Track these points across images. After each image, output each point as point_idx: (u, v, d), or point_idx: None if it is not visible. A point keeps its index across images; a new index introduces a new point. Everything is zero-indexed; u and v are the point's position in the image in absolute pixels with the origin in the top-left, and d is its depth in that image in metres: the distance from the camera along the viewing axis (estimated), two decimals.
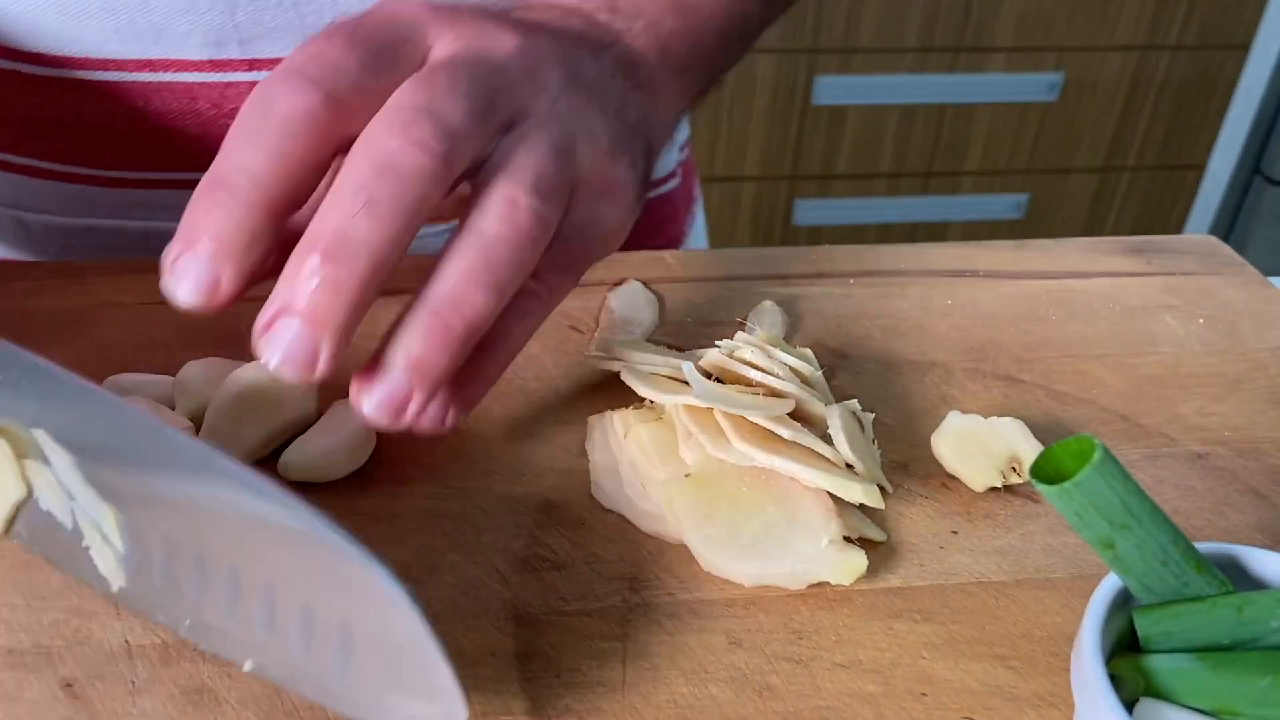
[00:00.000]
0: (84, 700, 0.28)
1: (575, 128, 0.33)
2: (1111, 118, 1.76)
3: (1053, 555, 0.35)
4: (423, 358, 0.28)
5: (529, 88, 0.33)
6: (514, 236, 0.30)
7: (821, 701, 0.30)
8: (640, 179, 0.37)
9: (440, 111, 0.29)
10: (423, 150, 0.28)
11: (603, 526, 0.35)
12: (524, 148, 0.31)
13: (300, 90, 0.28)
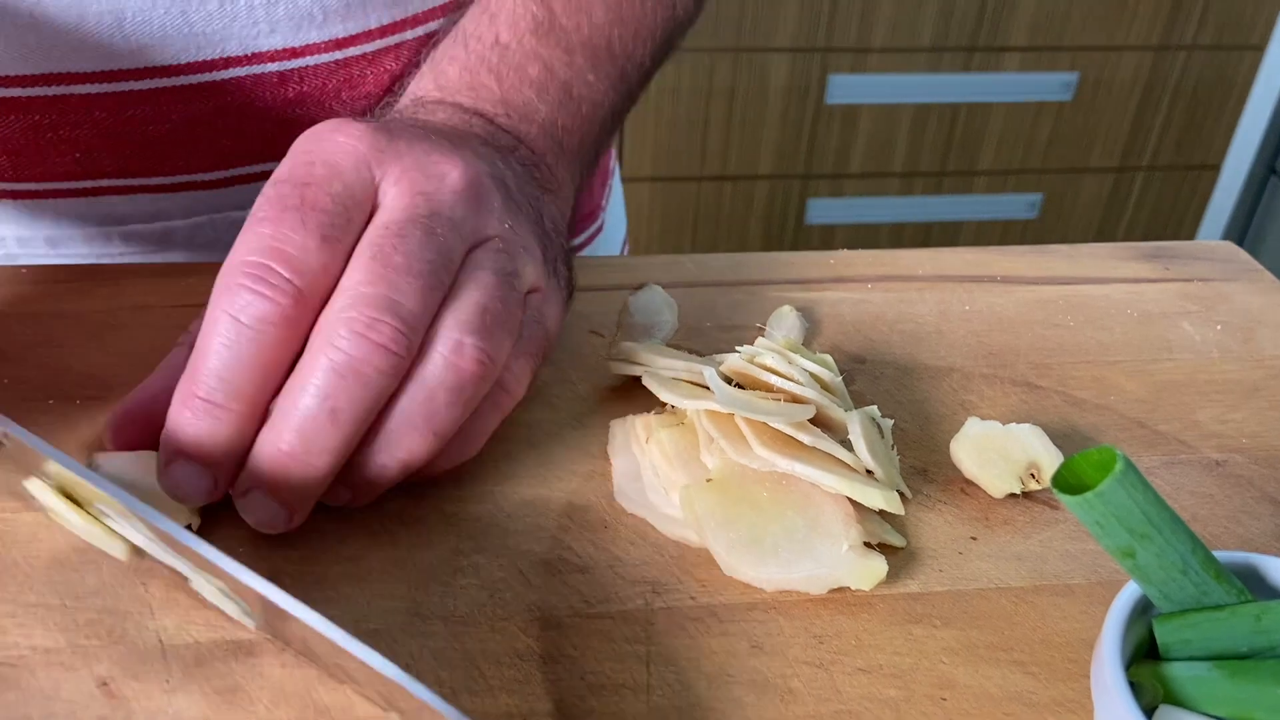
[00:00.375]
0: (120, 699, 0.29)
1: (517, 247, 0.36)
2: (1126, 118, 1.76)
3: (1072, 562, 0.35)
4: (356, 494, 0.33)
5: (476, 221, 0.35)
6: (457, 381, 0.32)
7: (842, 705, 0.30)
8: (565, 280, 0.39)
9: (398, 300, 0.31)
10: (384, 354, 0.31)
11: (625, 530, 0.36)
12: (472, 284, 0.33)
13: (269, 294, 0.30)
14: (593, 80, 0.45)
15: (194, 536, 0.27)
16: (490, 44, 0.43)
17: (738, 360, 0.38)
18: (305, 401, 0.31)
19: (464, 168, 0.35)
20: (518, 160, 0.40)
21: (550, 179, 0.42)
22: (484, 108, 0.41)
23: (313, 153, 0.33)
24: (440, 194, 0.34)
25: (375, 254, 0.32)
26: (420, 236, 0.32)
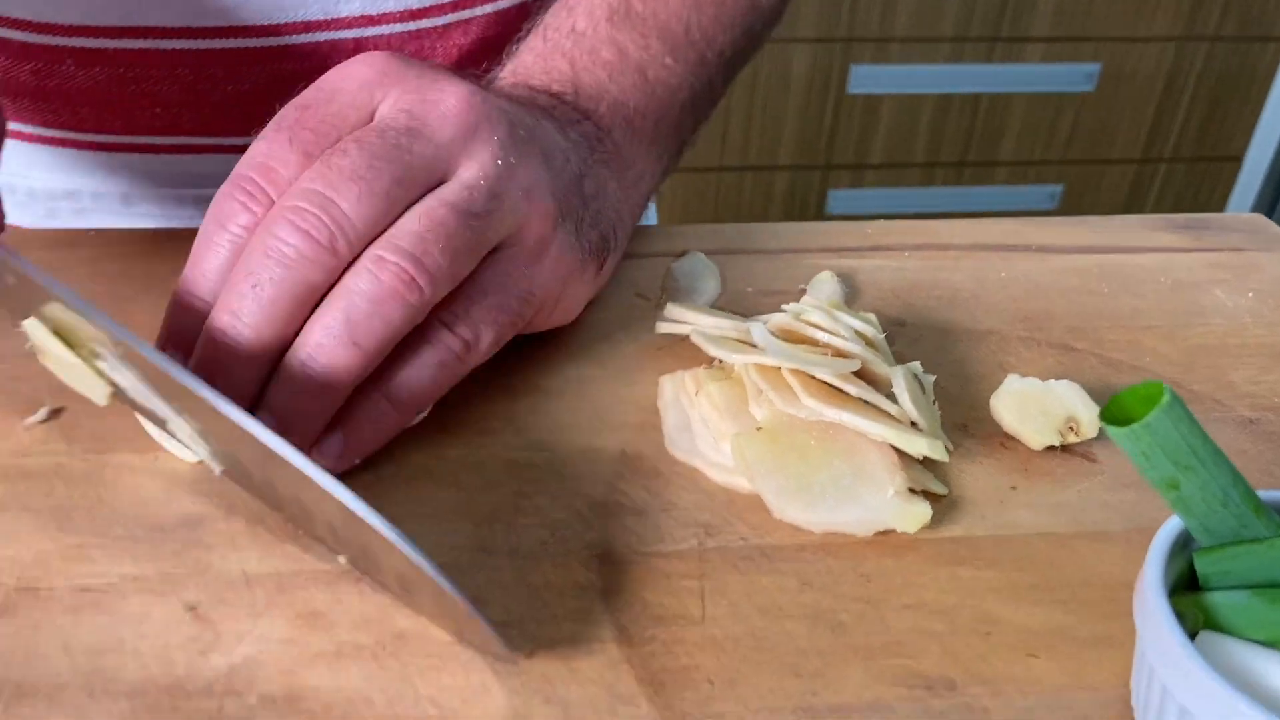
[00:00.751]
0: (208, 622, 0.30)
1: (508, 186, 0.35)
2: (1148, 109, 1.76)
3: (1109, 510, 0.36)
4: (287, 405, 0.33)
5: (462, 147, 0.35)
6: (375, 293, 0.32)
7: (891, 637, 0.32)
8: (588, 247, 0.39)
9: (330, 198, 0.32)
10: (305, 239, 0.32)
11: (676, 477, 0.37)
12: (417, 209, 0.34)
13: (248, 204, 0.33)
14: (670, 64, 0.45)
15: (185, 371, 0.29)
16: (567, 32, 0.44)
17: (785, 318, 0.40)
18: (235, 278, 0.32)
19: (465, 95, 0.35)
20: (578, 131, 0.41)
21: (615, 156, 0.42)
22: (553, 87, 0.42)
23: (328, 78, 0.35)
24: (428, 115, 0.34)
25: (327, 156, 0.33)
26: (378, 145, 0.33)
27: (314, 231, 0.32)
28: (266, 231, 0.32)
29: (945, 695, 0.30)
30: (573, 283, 0.39)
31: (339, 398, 0.33)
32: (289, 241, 0.32)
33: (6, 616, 0.30)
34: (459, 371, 0.36)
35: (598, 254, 0.40)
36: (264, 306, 0.32)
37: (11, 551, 0.32)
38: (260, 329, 0.32)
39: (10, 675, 0.28)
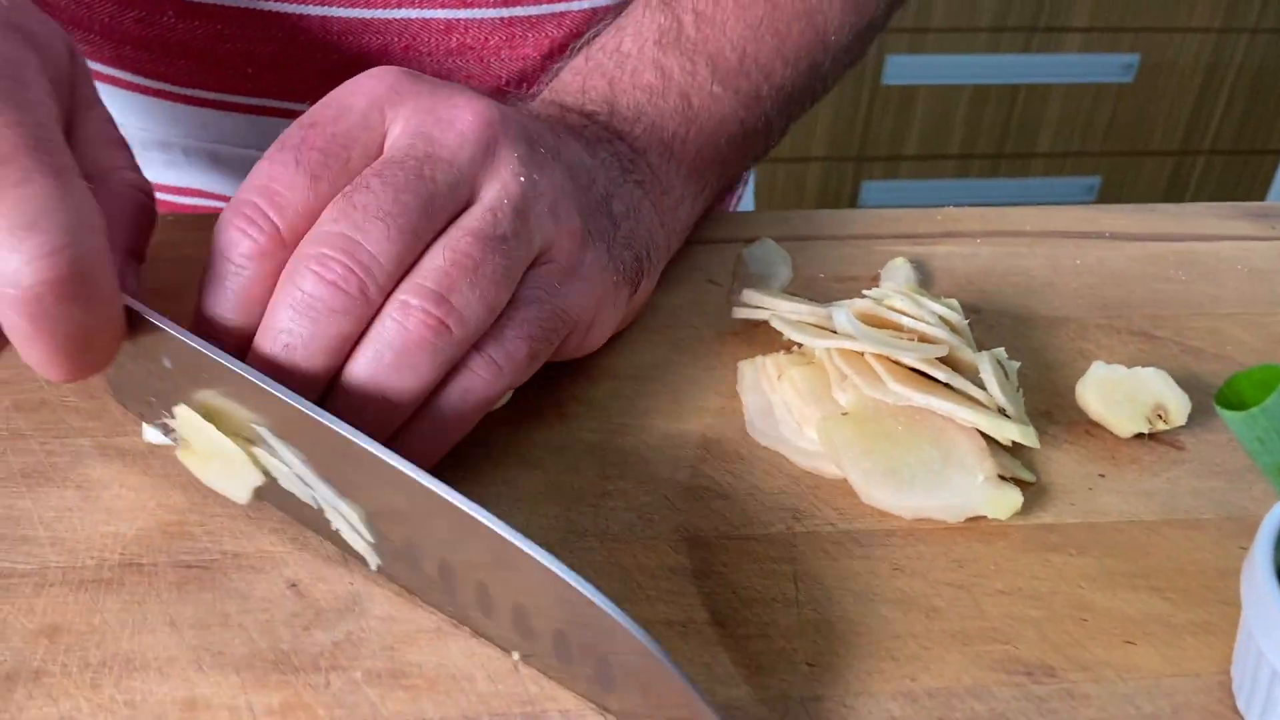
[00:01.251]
0: (309, 598, 0.31)
1: (533, 204, 0.34)
2: (1188, 101, 1.74)
3: (1200, 498, 0.36)
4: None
5: (482, 167, 0.33)
6: (402, 343, 0.31)
7: (986, 623, 0.32)
8: (621, 268, 0.37)
9: (357, 241, 0.30)
10: (335, 292, 0.30)
11: (760, 462, 0.37)
12: (441, 244, 0.32)
13: (250, 231, 0.31)
14: (717, 92, 0.43)
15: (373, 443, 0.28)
16: (611, 52, 0.43)
17: (866, 303, 0.40)
18: (263, 338, 0.31)
19: (480, 112, 0.33)
20: (608, 151, 0.39)
21: (651, 178, 0.40)
22: (586, 106, 0.41)
23: (335, 94, 0.33)
24: (445, 137, 0.32)
25: (349, 193, 0.31)
26: (400, 178, 0.31)
27: (342, 282, 0.30)
28: (291, 283, 0.30)
29: (1046, 681, 0.30)
30: (606, 305, 0.37)
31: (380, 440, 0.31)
32: (317, 295, 0.30)
33: (113, 592, 0.30)
34: (496, 392, 0.33)
35: (631, 277, 0.38)
36: (298, 365, 0.30)
37: (114, 528, 0.32)
38: (299, 390, 0.30)
39: (120, 649, 0.29)
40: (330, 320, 0.30)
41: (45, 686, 0.28)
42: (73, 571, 0.31)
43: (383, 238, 0.30)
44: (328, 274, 0.30)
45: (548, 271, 0.34)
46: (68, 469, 0.34)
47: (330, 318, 0.30)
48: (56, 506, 0.33)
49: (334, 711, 0.28)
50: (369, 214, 0.31)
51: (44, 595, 0.30)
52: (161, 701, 0.28)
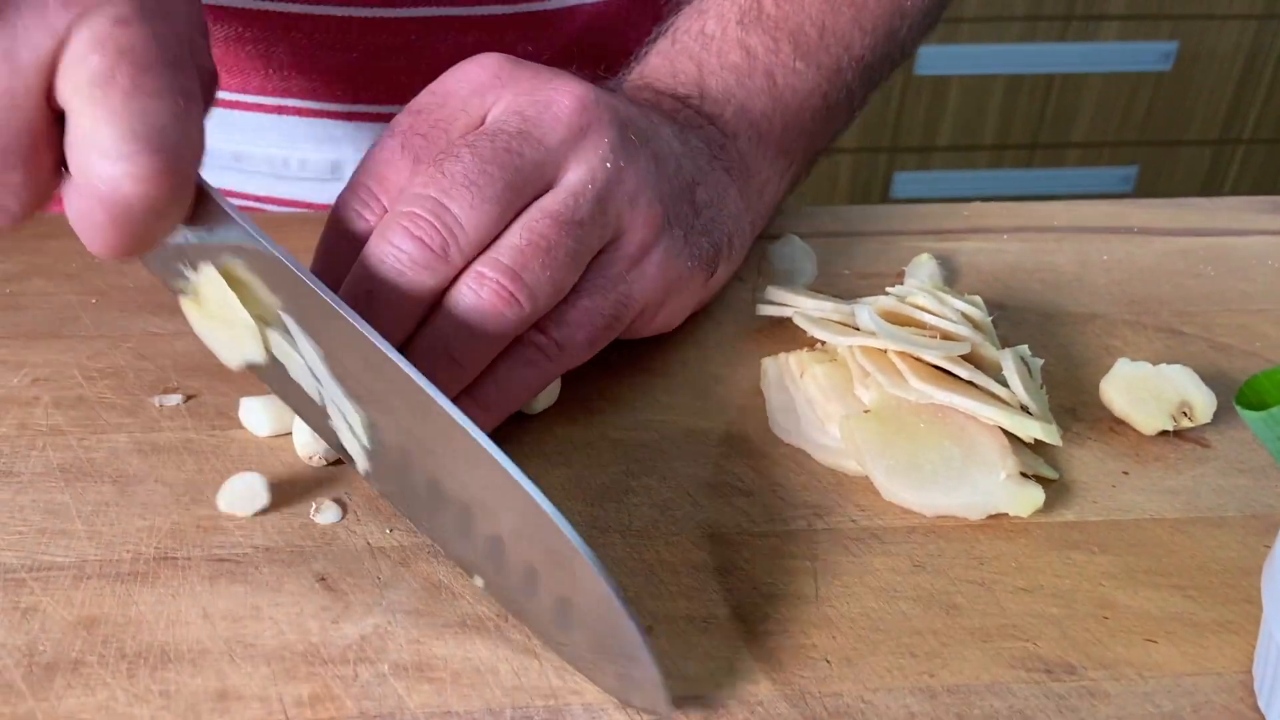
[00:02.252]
0: (338, 592, 0.31)
1: (614, 191, 0.35)
2: (1227, 89, 1.71)
3: (1225, 496, 0.36)
4: None
5: (572, 149, 0.34)
6: (475, 309, 0.33)
7: (1006, 620, 0.32)
8: (697, 255, 0.38)
9: (444, 205, 0.32)
10: (418, 246, 0.32)
11: (782, 459, 0.37)
12: (520, 222, 0.33)
13: (361, 211, 0.34)
14: (800, 69, 0.43)
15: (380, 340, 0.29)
16: (695, 34, 0.43)
17: (889, 300, 0.40)
18: (350, 285, 0.33)
19: (577, 96, 0.35)
20: (699, 137, 0.40)
21: (738, 163, 0.41)
22: (678, 90, 0.42)
23: (442, 81, 0.35)
24: (540, 117, 0.34)
25: (441, 160, 0.33)
26: (489, 150, 0.33)
27: (427, 239, 0.32)
28: (381, 238, 0.32)
29: (1065, 679, 0.30)
30: (678, 290, 0.38)
31: None
32: (403, 249, 0.32)
33: (148, 585, 0.31)
34: (550, 373, 0.35)
35: (708, 263, 0.39)
36: (377, 315, 0.32)
37: (148, 522, 0.33)
38: None
39: (155, 640, 0.30)
40: (412, 274, 0.32)
41: (83, 676, 0.29)
42: (109, 565, 0.32)
43: (467, 204, 0.32)
44: (415, 230, 0.32)
45: (618, 258, 0.36)
46: (104, 464, 0.35)
47: (413, 271, 0.32)
48: (93, 501, 0.34)
49: (362, 703, 0.28)
50: (456, 181, 0.32)
51: (82, 587, 0.31)
52: (195, 692, 0.28)
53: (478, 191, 0.32)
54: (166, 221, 0.29)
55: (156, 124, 0.28)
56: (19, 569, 0.31)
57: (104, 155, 0.27)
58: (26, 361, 0.39)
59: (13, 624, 0.30)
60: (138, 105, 0.27)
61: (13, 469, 0.35)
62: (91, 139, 0.28)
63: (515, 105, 0.34)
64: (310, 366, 0.32)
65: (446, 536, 0.31)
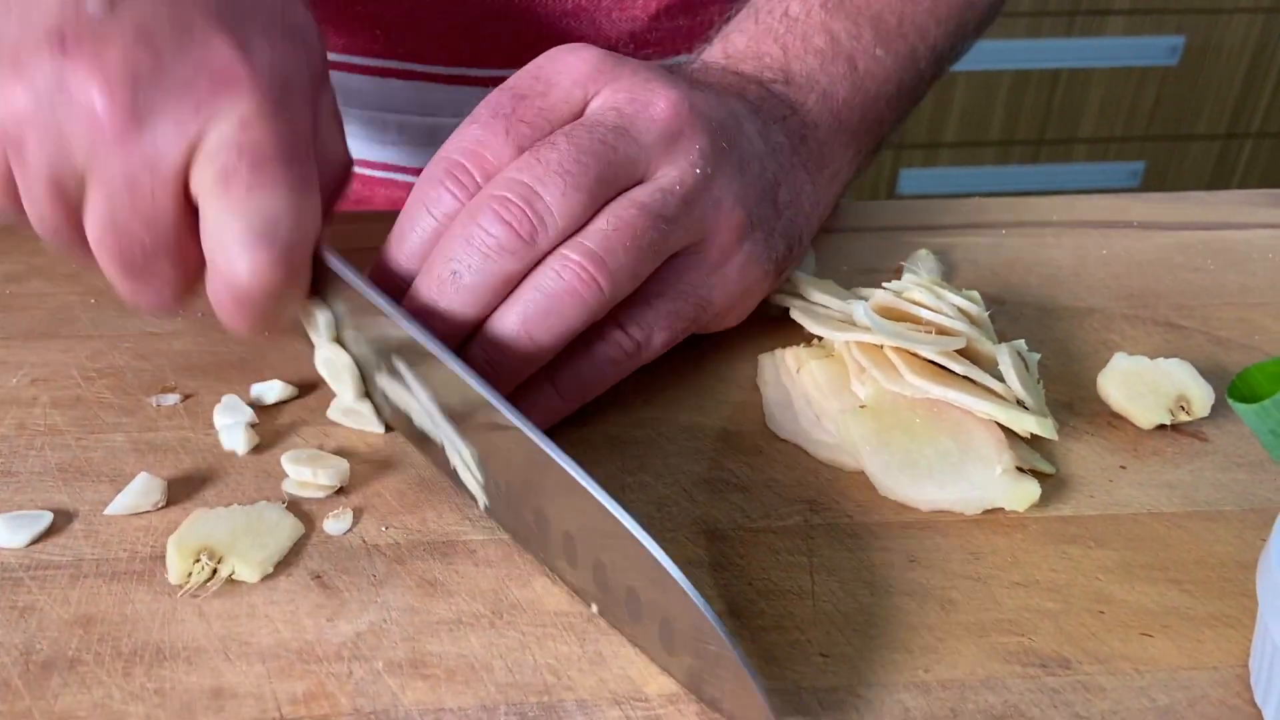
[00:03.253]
0: (333, 590, 0.31)
1: (701, 196, 0.35)
2: (1234, 83, 1.70)
3: (1223, 490, 0.36)
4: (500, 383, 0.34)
5: (664, 151, 0.35)
6: (556, 291, 0.33)
7: (1002, 615, 0.32)
8: (774, 259, 0.39)
9: (536, 191, 0.33)
10: (506, 230, 0.33)
11: (779, 454, 0.37)
12: (609, 210, 0.34)
13: (457, 193, 0.34)
14: (880, 55, 0.44)
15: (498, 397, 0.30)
16: (779, 15, 0.43)
17: (885, 296, 0.40)
18: (433, 263, 0.33)
19: (675, 100, 0.35)
20: (782, 130, 0.40)
21: (815, 156, 0.41)
22: (764, 75, 0.42)
23: (542, 68, 0.36)
24: (637, 116, 0.35)
25: (538, 147, 0.34)
26: (585, 141, 0.34)
27: (516, 224, 0.32)
28: (471, 219, 0.33)
29: (1060, 673, 0.30)
30: (752, 291, 0.39)
31: (511, 386, 0.34)
32: (492, 232, 0.32)
33: (144, 583, 0.31)
34: (627, 369, 0.37)
35: (781, 265, 0.40)
36: (461, 294, 0.33)
37: (145, 522, 0.33)
38: (456, 314, 0.33)
39: (150, 639, 0.30)
40: (499, 257, 0.33)
41: (79, 674, 0.29)
42: (106, 563, 0.32)
43: (559, 192, 0.33)
44: (506, 214, 0.32)
45: (700, 262, 0.37)
46: (102, 464, 0.35)
47: (499, 255, 0.33)
48: (91, 500, 0.34)
49: (356, 700, 0.28)
50: (550, 169, 0.33)
51: (78, 586, 0.31)
52: (190, 690, 0.29)
53: (570, 180, 0.33)
54: (285, 303, 0.32)
55: (272, 217, 0.31)
56: (16, 568, 0.32)
57: (225, 248, 0.31)
58: (25, 361, 0.39)
59: (10, 623, 0.30)
60: (255, 200, 0.30)
61: (11, 468, 0.35)
62: (216, 233, 0.31)
63: (614, 101, 0.35)
64: (426, 410, 0.33)
65: (560, 565, 0.32)
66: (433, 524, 0.34)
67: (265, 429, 0.37)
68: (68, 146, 0.30)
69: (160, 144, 0.30)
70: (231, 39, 0.31)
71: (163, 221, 0.31)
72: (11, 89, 0.30)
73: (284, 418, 0.38)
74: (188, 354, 0.40)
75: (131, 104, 0.30)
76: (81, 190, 0.31)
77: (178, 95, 0.30)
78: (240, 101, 0.30)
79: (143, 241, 0.31)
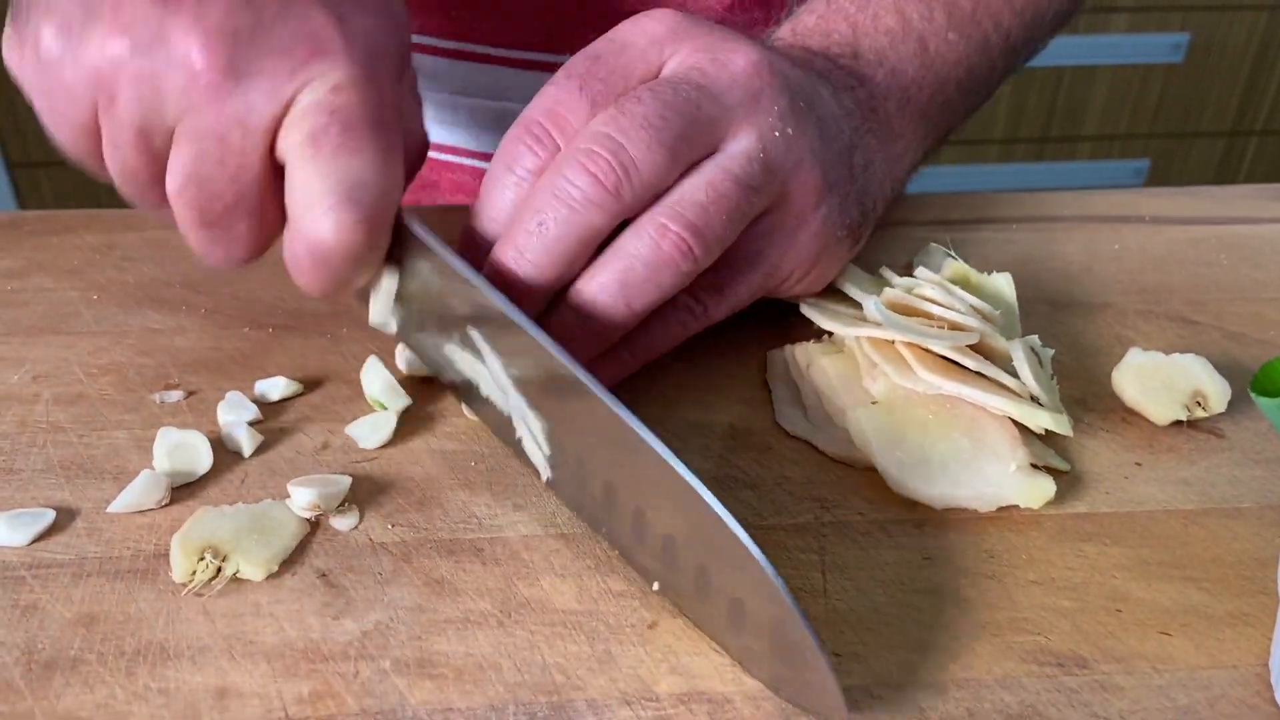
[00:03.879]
0: (339, 588, 0.31)
1: (782, 159, 0.35)
2: (1239, 81, 1.70)
3: (1240, 486, 0.35)
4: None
5: (745, 112, 0.35)
6: (654, 259, 0.33)
7: (1017, 614, 0.31)
8: (848, 224, 0.39)
9: (621, 144, 0.33)
10: (593, 183, 0.33)
11: (789, 451, 0.37)
12: (703, 178, 0.34)
13: (536, 149, 0.34)
14: (952, 39, 0.43)
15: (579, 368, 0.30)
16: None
17: (895, 292, 0.39)
18: (520, 217, 0.33)
19: (755, 58, 0.35)
20: (851, 99, 0.40)
21: (885, 127, 0.41)
22: (832, 50, 0.41)
23: (620, 31, 0.36)
24: (718, 75, 0.35)
25: (622, 101, 0.34)
26: (670, 97, 0.34)
27: (602, 176, 0.33)
28: (556, 172, 0.33)
29: (1077, 673, 0.29)
30: (826, 257, 0.39)
31: (598, 350, 0.35)
32: (577, 184, 0.33)
33: (148, 582, 0.31)
34: (693, 330, 0.37)
35: (856, 230, 0.40)
36: (549, 245, 0.33)
37: (149, 520, 0.33)
38: (543, 267, 0.33)
39: (154, 638, 0.29)
40: (585, 210, 0.33)
41: (82, 674, 0.28)
42: (109, 562, 0.31)
43: (644, 146, 0.33)
44: (590, 165, 0.33)
45: (774, 225, 0.36)
46: (104, 461, 0.35)
47: (586, 208, 0.33)
48: (94, 498, 0.33)
49: (363, 700, 0.28)
50: (635, 122, 0.33)
51: (81, 585, 0.31)
52: (194, 690, 0.28)
53: (655, 134, 0.33)
54: (364, 265, 0.32)
55: (358, 179, 0.31)
56: (18, 566, 0.31)
57: (310, 207, 0.31)
58: (27, 358, 0.39)
59: (12, 622, 0.30)
60: (342, 161, 0.31)
61: (13, 466, 0.34)
62: (301, 192, 0.31)
63: (693, 60, 0.35)
64: (497, 380, 0.33)
65: (624, 541, 0.31)
66: (439, 522, 0.33)
67: (269, 426, 0.36)
68: (160, 98, 0.30)
69: (253, 102, 0.30)
70: (329, 9, 0.31)
71: (247, 178, 0.31)
72: (109, 37, 0.30)
73: (288, 414, 0.37)
74: (191, 350, 0.39)
75: (229, 61, 0.30)
76: (167, 142, 0.31)
77: (274, 57, 0.30)
78: (334, 67, 0.31)
79: (224, 196, 0.31)
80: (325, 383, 0.38)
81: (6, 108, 1.50)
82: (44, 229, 0.44)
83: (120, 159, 0.32)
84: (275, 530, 0.32)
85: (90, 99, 0.31)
